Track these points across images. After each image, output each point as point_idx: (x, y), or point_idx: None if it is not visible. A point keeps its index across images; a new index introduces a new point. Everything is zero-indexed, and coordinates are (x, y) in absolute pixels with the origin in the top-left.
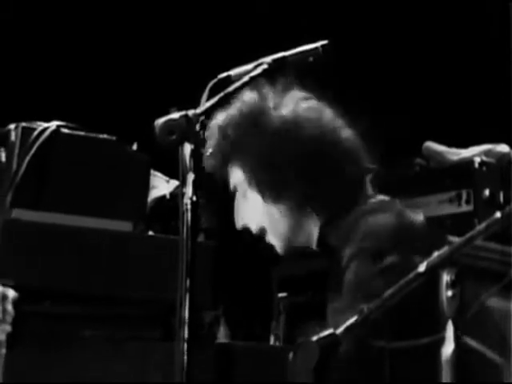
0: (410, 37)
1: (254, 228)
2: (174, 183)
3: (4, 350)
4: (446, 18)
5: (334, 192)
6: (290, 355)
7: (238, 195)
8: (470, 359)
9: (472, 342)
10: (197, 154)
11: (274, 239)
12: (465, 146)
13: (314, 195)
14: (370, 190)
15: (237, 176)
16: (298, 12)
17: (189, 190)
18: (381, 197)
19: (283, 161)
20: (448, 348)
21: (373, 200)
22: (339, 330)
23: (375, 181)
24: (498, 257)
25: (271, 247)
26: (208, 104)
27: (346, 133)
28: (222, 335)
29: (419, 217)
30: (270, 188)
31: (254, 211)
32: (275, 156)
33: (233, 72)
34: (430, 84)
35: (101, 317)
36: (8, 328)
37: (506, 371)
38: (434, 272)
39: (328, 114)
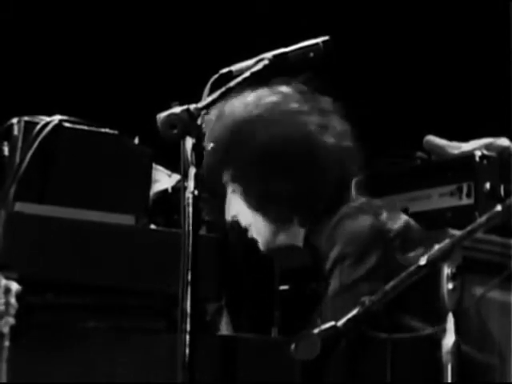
0: (412, 34)
1: (241, 222)
2: (176, 177)
3: (8, 343)
4: (446, 17)
5: (319, 200)
6: (292, 347)
7: (229, 191)
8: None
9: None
10: (198, 148)
11: (258, 237)
12: (466, 139)
13: (299, 205)
14: (353, 192)
15: (228, 178)
16: (299, 8)
17: (191, 184)
18: (360, 199)
19: (269, 172)
20: (449, 340)
21: (353, 203)
22: (340, 323)
23: (363, 180)
24: (499, 249)
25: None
26: (209, 99)
27: (332, 138)
28: (225, 326)
29: (398, 220)
30: (256, 201)
31: (242, 208)
32: (261, 167)
33: (234, 67)
34: (430, 78)
35: (104, 308)
36: (11, 320)
37: (494, 370)
38: (434, 265)
39: (313, 118)
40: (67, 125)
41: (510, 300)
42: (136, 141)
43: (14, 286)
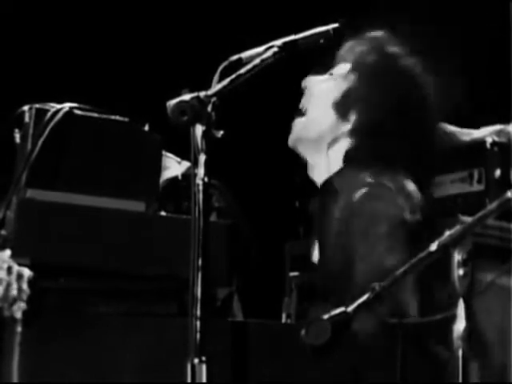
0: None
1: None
2: (186, 164)
3: (20, 328)
4: (447, 17)
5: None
6: (302, 332)
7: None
8: None
9: None
10: (208, 135)
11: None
12: (476, 126)
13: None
14: None
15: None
16: None
17: (200, 171)
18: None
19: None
20: (460, 325)
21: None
22: (350, 308)
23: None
24: (509, 235)
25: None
26: (219, 86)
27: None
28: (235, 312)
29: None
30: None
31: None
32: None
33: (244, 54)
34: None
35: (114, 293)
36: (24, 306)
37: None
38: (445, 251)
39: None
40: (78, 112)
41: (509, 284)
42: (146, 128)
43: (26, 272)
